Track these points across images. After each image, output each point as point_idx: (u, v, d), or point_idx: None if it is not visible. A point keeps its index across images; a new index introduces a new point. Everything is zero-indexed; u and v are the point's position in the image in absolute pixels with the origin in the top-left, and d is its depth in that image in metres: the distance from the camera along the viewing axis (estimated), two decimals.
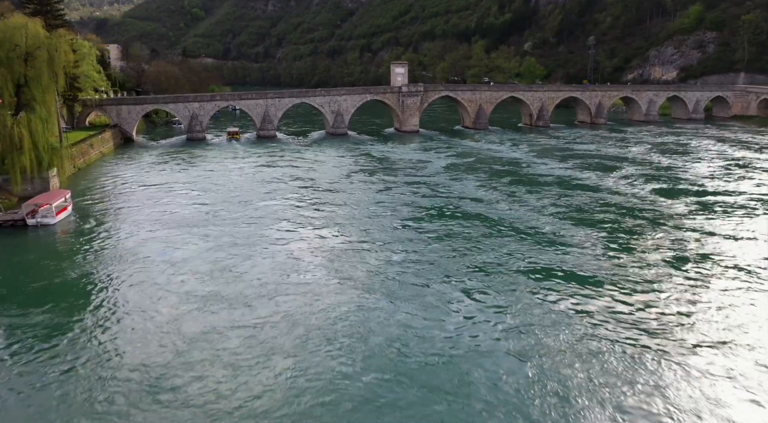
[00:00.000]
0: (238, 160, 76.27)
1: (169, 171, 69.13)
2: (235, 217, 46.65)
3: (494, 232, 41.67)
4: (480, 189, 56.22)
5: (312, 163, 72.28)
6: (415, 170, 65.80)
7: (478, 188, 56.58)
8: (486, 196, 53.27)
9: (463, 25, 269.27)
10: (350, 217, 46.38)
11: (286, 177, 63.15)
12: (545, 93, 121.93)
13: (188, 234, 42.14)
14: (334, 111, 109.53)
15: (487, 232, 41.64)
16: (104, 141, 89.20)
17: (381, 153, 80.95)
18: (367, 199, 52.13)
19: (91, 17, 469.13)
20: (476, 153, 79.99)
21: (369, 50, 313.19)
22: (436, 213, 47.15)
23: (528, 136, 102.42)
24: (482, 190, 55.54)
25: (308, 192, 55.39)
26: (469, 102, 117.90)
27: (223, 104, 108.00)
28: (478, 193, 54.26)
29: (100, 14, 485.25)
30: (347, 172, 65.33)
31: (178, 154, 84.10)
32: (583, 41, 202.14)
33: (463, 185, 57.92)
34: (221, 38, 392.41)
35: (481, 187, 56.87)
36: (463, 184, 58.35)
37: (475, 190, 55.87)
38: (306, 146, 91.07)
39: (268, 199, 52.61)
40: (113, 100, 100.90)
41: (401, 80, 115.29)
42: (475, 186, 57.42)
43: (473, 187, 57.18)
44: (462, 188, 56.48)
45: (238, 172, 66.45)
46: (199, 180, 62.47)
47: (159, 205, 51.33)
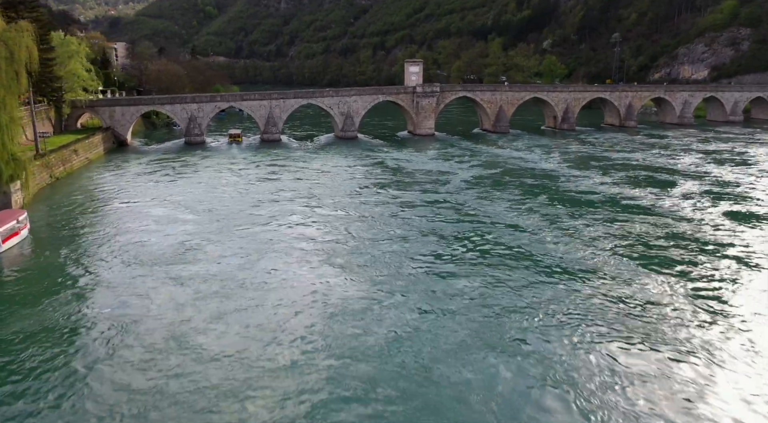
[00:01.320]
0: (235, 171, 66.98)
1: (155, 184, 60.01)
2: (221, 251, 37.24)
3: (541, 279, 31.87)
4: (513, 211, 46.33)
5: (317, 175, 62.74)
6: (435, 186, 55.99)
7: (511, 210, 46.68)
8: (522, 221, 43.35)
9: (479, 22, 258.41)
10: (360, 253, 36.77)
11: (286, 194, 53.70)
12: (571, 93, 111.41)
13: (160, 276, 32.83)
14: (344, 113, 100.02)
15: (531, 279, 31.86)
16: (92, 146, 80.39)
17: (395, 162, 71.25)
18: (380, 227, 42.41)
19: (106, 16, 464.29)
20: (502, 162, 69.90)
21: (382, 48, 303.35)
22: (465, 249, 37.37)
23: (555, 141, 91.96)
24: (516, 213, 45.66)
25: (310, 216, 45.84)
26: (488, 103, 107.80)
27: (224, 105, 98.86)
28: (512, 218, 44.37)
29: (115, 13, 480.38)
30: (357, 188, 55.71)
31: (171, 161, 75.04)
32: (606, 38, 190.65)
33: (493, 206, 48.00)
34: (233, 36, 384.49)
35: (515, 209, 46.96)
36: (492, 205, 48.43)
37: (507, 212, 45.99)
38: (312, 153, 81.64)
39: (262, 225, 43.17)
40: (106, 101, 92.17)
41: (416, 80, 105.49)
42: (507, 207, 47.49)
43: (505, 208, 47.25)
44: (492, 210, 46.57)
45: (232, 187, 57.12)
46: (188, 197, 53.23)
47: (133, 232, 42.10)
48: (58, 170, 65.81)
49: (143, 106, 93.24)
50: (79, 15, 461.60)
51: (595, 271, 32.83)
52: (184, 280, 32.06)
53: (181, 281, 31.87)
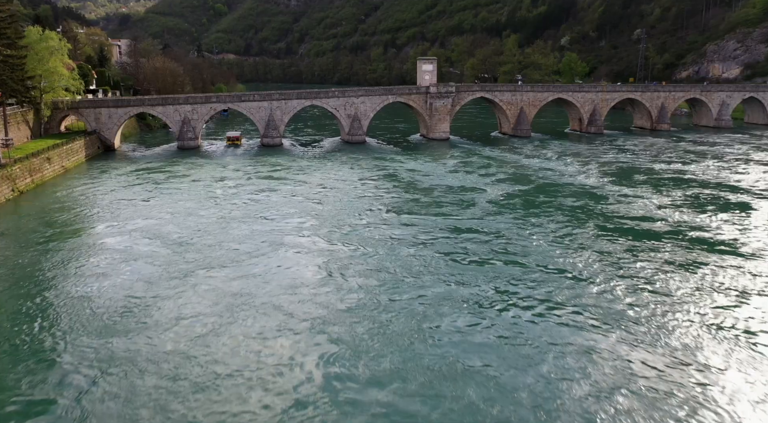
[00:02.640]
0: (225, 186, 57.71)
1: (128, 202, 50.87)
2: (179, 311, 27.96)
3: (616, 365, 22.36)
4: (558, 247, 36.57)
5: (318, 193, 53.27)
6: (458, 209, 46.20)
7: (556, 245, 36.90)
8: (573, 264, 33.56)
9: (493, 19, 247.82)
10: (365, 318, 27.34)
11: (278, 220, 44.29)
12: (598, 94, 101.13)
13: (84, 359, 23.73)
14: (351, 115, 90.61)
15: (598, 358, 22.40)
16: (71, 153, 71.55)
17: (409, 175, 61.55)
18: (391, 275, 32.86)
19: (117, 13, 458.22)
20: (531, 175, 59.84)
21: (393, 46, 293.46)
22: (501, 303, 27.86)
23: (586, 147, 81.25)
24: (563, 251, 35.88)
25: (304, 253, 36.46)
26: (508, 105, 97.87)
27: (220, 107, 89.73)
28: (559, 258, 34.63)
29: (126, 10, 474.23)
30: (363, 212, 46.10)
31: (157, 171, 66.01)
32: (627, 35, 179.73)
33: (532, 240, 38.20)
34: (243, 34, 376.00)
35: (560, 244, 37.16)
36: (531, 238, 38.65)
37: (551, 249, 36.24)
38: (315, 161, 72.24)
39: (241, 268, 33.89)
40: (90, 102, 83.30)
41: (429, 79, 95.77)
42: (549, 241, 37.66)
43: (547, 242, 37.41)
44: (532, 246, 36.73)
45: (217, 209, 47.75)
46: (162, 222, 44.10)
47: (76, 277, 33.05)
48: (23, 182, 56.98)
49: (132, 108, 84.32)
50: (90, 12, 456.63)
51: (697, 352, 23.19)
52: (115, 365, 22.81)
53: (110, 369, 22.61)
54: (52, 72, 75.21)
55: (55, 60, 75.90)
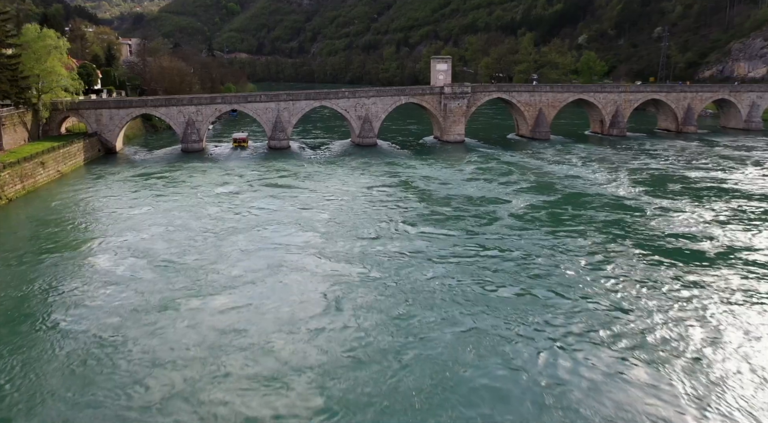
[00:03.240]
0: (226, 195, 53.54)
1: (121, 213, 46.80)
2: (151, 358, 23.76)
3: None
4: (594, 274, 31.80)
5: (325, 204, 48.77)
6: (480, 224, 41.41)
7: (594, 271, 32.13)
8: (612, 296, 28.85)
9: (507, 17, 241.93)
10: (375, 351, 23.03)
11: (280, 235, 39.93)
12: (621, 94, 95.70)
13: (61, 404, 19.52)
14: (361, 117, 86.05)
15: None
16: (68, 156, 67.72)
17: (422, 181, 56.82)
18: (404, 298, 28.51)
19: (131, 13, 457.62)
20: (557, 184, 54.56)
21: (406, 45, 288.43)
22: (537, 348, 23.31)
23: (613, 152, 75.09)
24: (599, 279, 31.13)
25: (306, 279, 32.06)
26: (526, 106, 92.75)
27: (225, 108, 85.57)
28: (594, 287, 29.92)
29: (140, 10, 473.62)
30: (375, 227, 41.47)
31: (156, 176, 61.99)
32: (648, 33, 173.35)
33: (561, 261, 33.43)
34: (255, 33, 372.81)
35: (597, 269, 32.35)
36: (561, 259, 33.89)
37: (586, 275, 31.50)
38: (323, 166, 67.79)
39: (232, 297, 29.57)
40: (91, 103, 79.51)
41: (443, 79, 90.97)
42: (586, 266, 32.76)
43: (584, 268, 32.54)
44: (568, 273, 31.94)
45: (215, 222, 43.50)
46: (153, 237, 39.95)
47: (52, 303, 29.06)
48: (12, 189, 53.14)
49: (134, 109, 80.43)
50: (105, 11, 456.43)
51: None
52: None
53: None
54: (50, 72, 71.43)
55: (53, 59, 72.09)
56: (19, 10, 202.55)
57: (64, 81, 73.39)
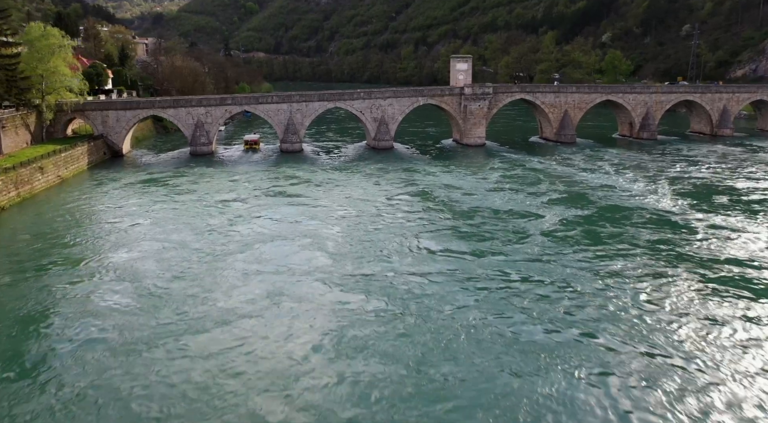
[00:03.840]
0: (231, 206, 49.49)
1: (119, 224, 43.06)
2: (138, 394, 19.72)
3: None
4: (646, 310, 26.95)
5: (337, 215, 44.37)
6: (505, 241, 36.59)
7: (642, 307, 27.29)
8: (673, 341, 24.09)
9: (528, 15, 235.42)
10: (387, 417, 18.55)
11: (287, 253, 35.76)
12: (652, 95, 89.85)
13: None
14: (377, 118, 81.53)
15: None
16: (70, 160, 64.29)
17: (443, 191, 51.98)
18: (423, 340, 24.09)
19: (151, 12, 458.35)
20: (589, 194, 49.11)
21: (424, 44, 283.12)
22: (585, 411, 18.72)
23: (649, 158, 68.44)
24: (653, 316, 26.29)
25: (312, 309, 27.79)
26: (551, 107, 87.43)
27: (236, 109, 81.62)
28: (648, 328, 25.09)
29: (160, 10, 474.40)
30: (390, 242, 36.92)
31: (161, 183, 58.25)
32: (675, 31, 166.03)
33: (605, 293, 28.68)
34: (273, 32, 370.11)
35: (647, 305, 27.54)
36: (605, 290, 29.12)
37: (636, 312, 26.67)
38: (336, 172, 63.41)
39: (233, 324, 25.54)
40: (97, 104, 76.07)
41: (463, 79, 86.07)
42: (631, 298, 28.00)
43: (629, 299, 27.80)
44: (608, 304, 27.26)
45: (214, 237, 39.43)
46: (145, 255, 36.08)
47: (18, 339, 25.12)
48: (5, 197, 49.64)
49: (141, 110, 76.84)
50: (126, 11, 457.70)
51: None
52: None
53: None
54: (53, 72, 68.12)
55: (58, 59, 68.78)
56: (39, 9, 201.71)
57: (68, 81, 70.15)
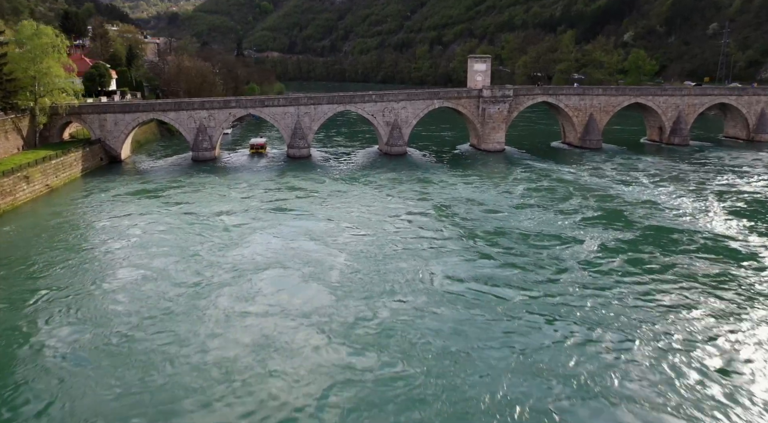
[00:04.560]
0: (229, 219, 44.36)
1: (99, 246, 38.17)
2: None
3: None
4: (723, 375, 21.30)
5: (344, 236, 39.00)
6: (538, 273, 30.90)
7: (717, 371, 21.65)
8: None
9: (546, 14, 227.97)
10: None
11: (282, 288, 30.47)
12: (684, 98, 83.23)
13: None
14: (390, 122, 75.96)
15: None
16: (62, 167, 59.53)
17: (462, 206, 46.19)
18: (443, 410, 18.57)
19: (167, 12, 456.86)
20: (629, 213, 42.87)
21: (439, 43, 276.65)
22: None
23: (690, 169, 61.30)
24: (731, 383, 20.68)
25: (306, 367, 22.50)
26: (575, 110, 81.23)
27: (240, 112, 76.49)
28: (729, 403, 19.46)
29: (176, 9, 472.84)
30: (403, 273, 31.48)
31: (155, 194, 53.32)
32: (701, 29, 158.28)
33: (666, 347, 23.02)
34: (288, 32, 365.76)
35: (724, 370, 21.90)
36: (664, 341, 23.45)
37: (711, 376, 21.02)
38: (346, 183, 57.90)
39: (208, 390, 20.29)
40: (94, 108, 71.33)
41: (482, 81, 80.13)
42: (700, 354, 22.33)
43: (699, 355, 22.15)
44: (669, 361, 21.68)
45: (202, 262, 34.36)
46: (126, 283, 31.29)
47: None
48: None
49: (141, 114, 71.95)
50: (143, 11, 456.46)
51: None
52: None
53: None
54: (46, 73, 63.47)
55: (51, 59, 64.11)
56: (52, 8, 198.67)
57: (62, 83, 65.49)
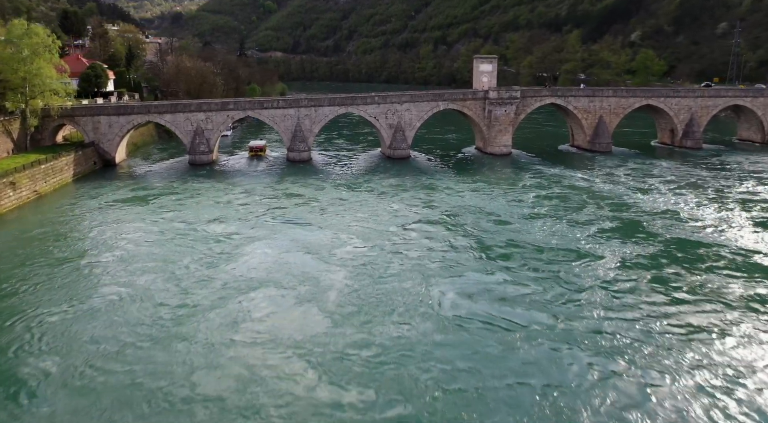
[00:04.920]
0: (222, 226, 41.75)
1: (77, 262, 35.61)
2: None
3: None
4: None
5: (343, 246, 36.38)
6: (554, 294, 28.14)
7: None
8: None
9: (551, 14, 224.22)
10: None
11: (271, 307, 27.86)
12: (697, 99, 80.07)
13: None
14: (393, 125, 73.15)
15: None
16: (52, 172, 56.97)
17: (471, 215, 43.32)
18: None
19: (171, 12, 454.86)
20: (649, 224, 39.43)
21: (444, 43, 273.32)
22: None
23: (709, 175, 58.05)
24: None
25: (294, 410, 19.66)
26: (584, 112, 78.20)
27: (239, 115, 73.81)
28: None
29: (180, 9, 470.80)
30: (404, 291, 28.85)
31: (147, 201, 50.78)
32: (710, 29, 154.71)
33: (715, 395, 20.27)
34: (291, 31, 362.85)
35: None
36: (714, 389, 20.69)
37: None
38: (346, 190, 55.11)
39: None
40: (87, 110, 68.76)
41: (487, 82, 77.18)
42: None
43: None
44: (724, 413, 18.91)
45: (187, 278, 31.76)
46: (93, 314, 28.69)
47: None
48: None
49: (136, 116, 69.34)
50: (147, 11, 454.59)
51: None
52: None
53: None
54: (36, 74, 60.97)
55: (42, 60, 61.59)
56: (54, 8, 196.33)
57: (54, 84, 62.95)
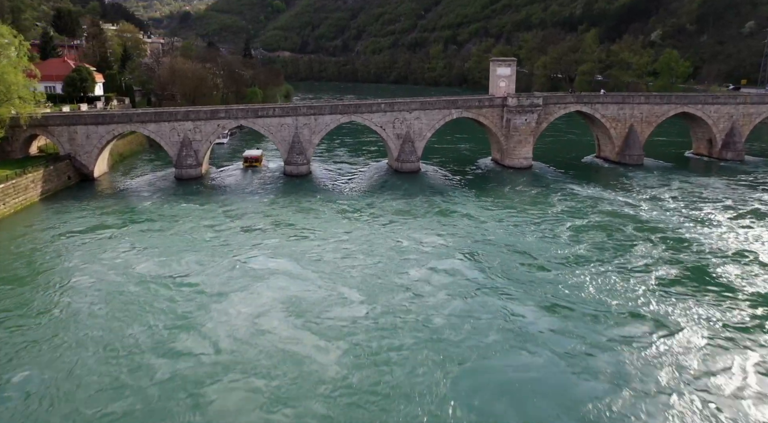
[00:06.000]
0: (203, 262, 34.12)
1: (19, 309, 28.08)
2: None
3: None
4: None
5: (341, 287, 28.76)
6: (614, 370, 20.23)
7: None
8: None
9: (566, 12, 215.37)
10: None
11: (253, 384, 20.03)
12: (739, 106, 71.48)
13: None
14: (401, 135, 65.29)
15: None
16: (14, 192, 49.53)
17: (493, 254, 35.22)
18: None
19: (180, 11, 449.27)
20: (723, 274, 30.25)
21: (454, 42, 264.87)
22: None
23: (757, 190, 51.96)
24: None
25: None
26: (613, 121, 69.90)
27: (230, 124, 66.22)
28: None
29: (189, 9, 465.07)
30: (417, 367, 21.22)
31: (119, 226, 43.32)
32: (736, 28, 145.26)
33: None
34: (300, 31, 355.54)
35: None
36: None
37: None
38: (348, 212, 47.29)
39: None
40: (62, 118, 61.35)
41: (505, 87, 69.10)
42: None
43: None
44: None
45: (149, 339, 24.27)
46: (26, 391, 20.76)
47: None
48: None
49: (116, 125, 61.83)
50: (156, 11, 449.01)
51: None
52: None
53: None
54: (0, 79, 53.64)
55: (7, 65, 54.26)
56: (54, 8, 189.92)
57: (22, 91, 55.59)
